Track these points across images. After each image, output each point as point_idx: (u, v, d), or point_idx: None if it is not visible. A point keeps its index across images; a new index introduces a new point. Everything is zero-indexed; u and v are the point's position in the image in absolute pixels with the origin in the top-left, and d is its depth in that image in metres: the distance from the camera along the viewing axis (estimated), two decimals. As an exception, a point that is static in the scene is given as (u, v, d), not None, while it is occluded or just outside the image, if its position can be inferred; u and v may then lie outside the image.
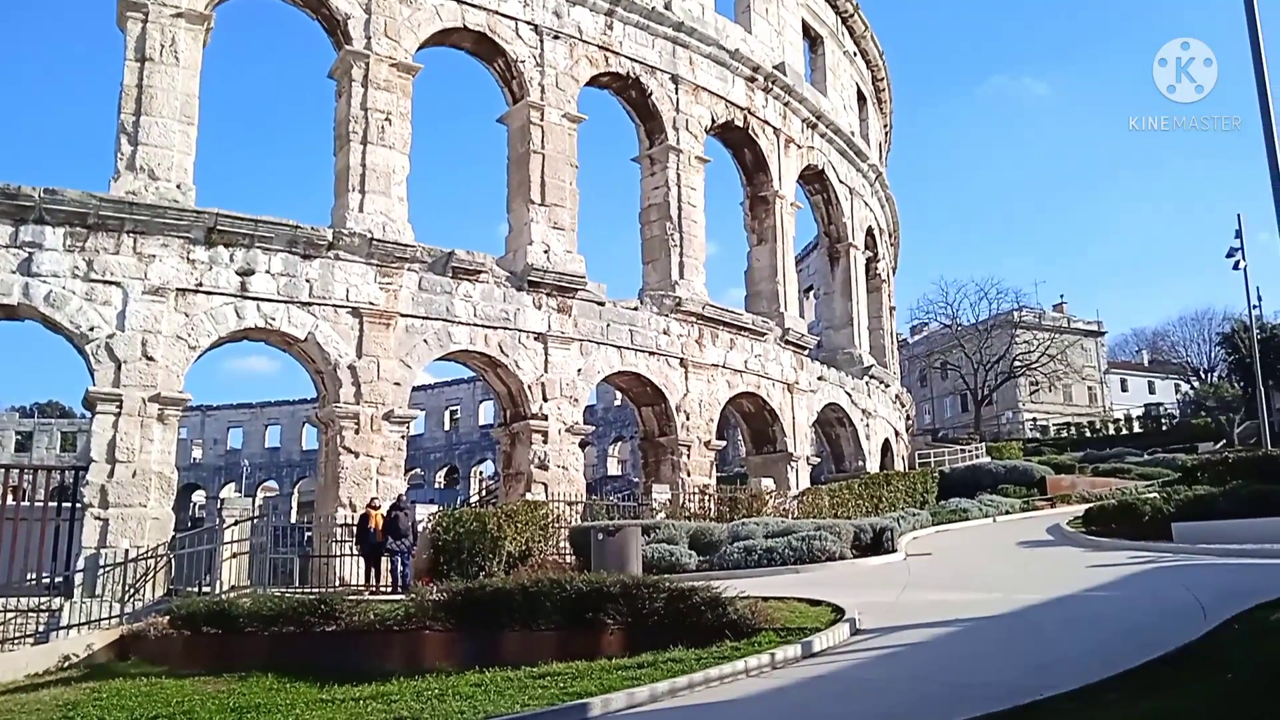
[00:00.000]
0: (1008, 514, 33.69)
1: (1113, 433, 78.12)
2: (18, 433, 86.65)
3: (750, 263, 38.22)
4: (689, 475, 31.16)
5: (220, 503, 32.40)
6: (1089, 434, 77.50)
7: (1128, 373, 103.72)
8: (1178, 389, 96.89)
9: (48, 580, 22.50)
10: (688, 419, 31.85)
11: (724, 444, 37.11)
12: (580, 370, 29.49)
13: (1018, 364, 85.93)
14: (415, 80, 27.84)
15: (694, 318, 32.71)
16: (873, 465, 42.33)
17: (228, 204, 24.27)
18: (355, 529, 22.36)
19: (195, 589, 20.38)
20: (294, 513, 75.10)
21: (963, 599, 14.87)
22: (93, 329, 22.51)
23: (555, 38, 30.81)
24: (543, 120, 29.98)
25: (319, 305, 25.14)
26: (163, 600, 20.07)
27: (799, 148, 39.83)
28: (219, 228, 23.99)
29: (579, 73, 31.41)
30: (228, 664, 14.80)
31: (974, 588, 16.59)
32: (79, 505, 22.08)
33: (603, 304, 30.44)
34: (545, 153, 29.87)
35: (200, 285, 23.79)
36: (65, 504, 23.60)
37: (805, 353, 38.07)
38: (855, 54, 49.39)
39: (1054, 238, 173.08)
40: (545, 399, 28.33)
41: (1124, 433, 77.18)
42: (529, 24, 30.30)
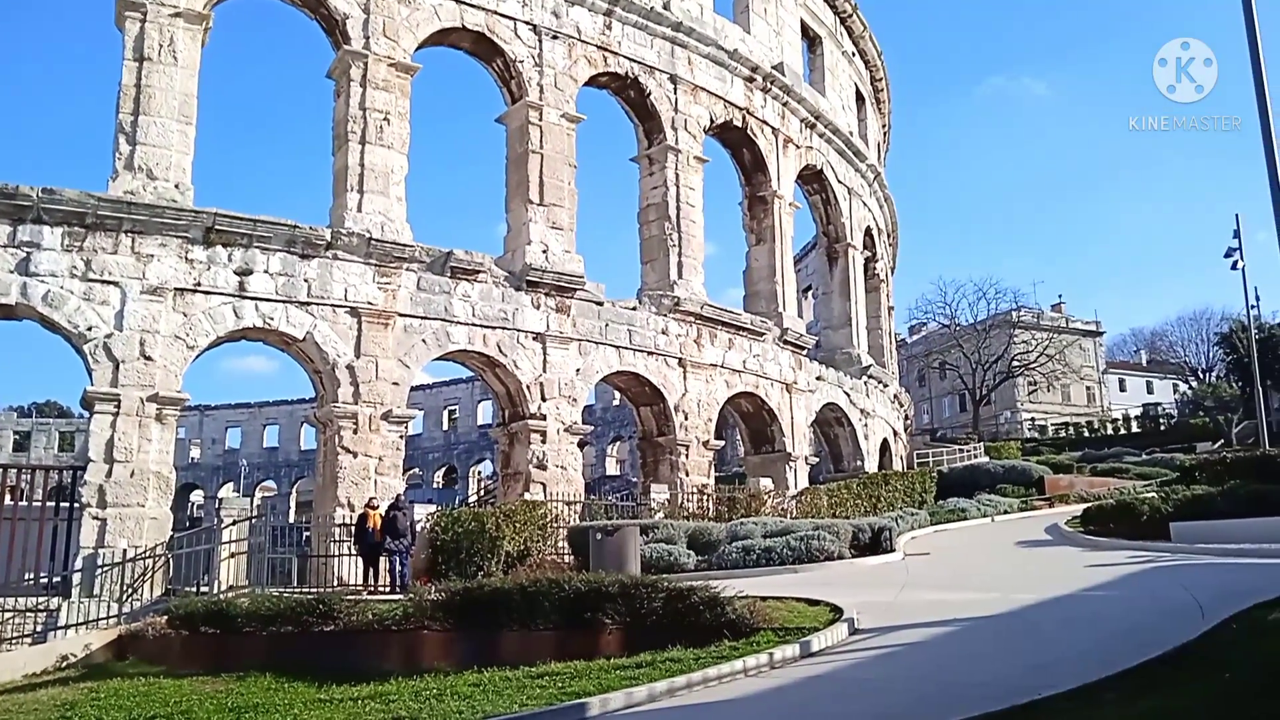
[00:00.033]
0: (1006, 514, 33.70)
1: (1111, 432, 78.24)
2: (16, 432, 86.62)
3: (749, 263, 38.22)
4: (687, 475, 31.16)
5: (218, 502, 32.32)
6: (1087, 434, 77.61)
7: (1126, 373, 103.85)
8: (1176, 389, 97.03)
9: (45, 580, 22.49)
10: (686, 419, 31.85)
11: (722, 444, 37.11)
12: (579, 370, 29.49)
13: (1016, 364, 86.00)
14: (414, 80, 27.83)
15: (692, 317, 32.72)
16: (871, 465, 42.34)
17: (226, 204, 24.31)
18: (353, 529, 22.34)
19: (193, 589, 20.38)
20: (292, 512, 75.11)
21: (961, 599, 14.88)
22: (91, 329, 22.49)
23: (554, 38, 30.81)
24: (541, 120, 29.99)
25: (317, 305, 25.13)
26: (161, 600, 20.06)
27: (797, 148, 39.83)
28: (217, 227, 23.98)
29: (577, 73, 31.41)
30: (226, 664, 14.79)
31: (972, 587, 16.61)
32: (77, 505, 22.07)
33: (601, 304, 30.44)
34: (544, 152, 29.87)
35: (198, 285, 23.78)
36: (63, 504, 23.58)
37: (804, 353, 38.08)
38: (854, 54, 49.39)
39: (1052, 238, 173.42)
40: (544, 399, 28.33)
41: (1122, 432, 77.27)
42: (527, 24, 30.31)
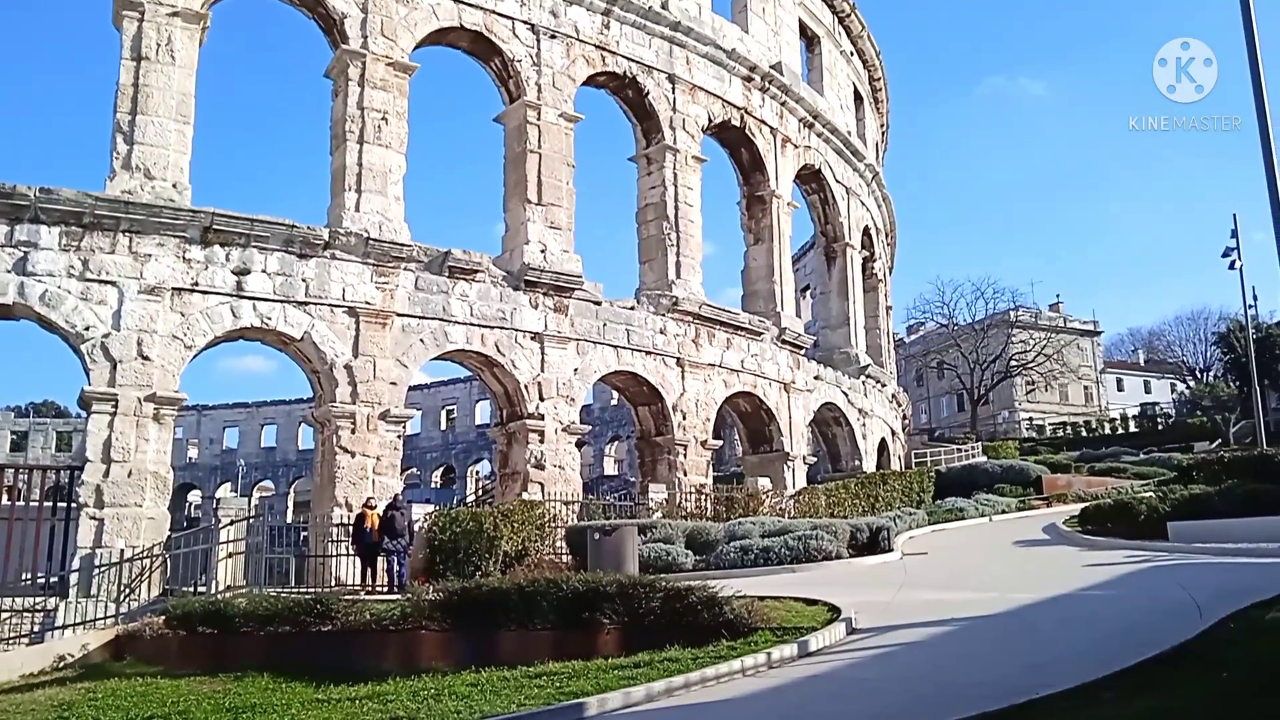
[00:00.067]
0: (1004, 513, 33.71)
1: (1109, 432, 78.28)
2: (13, 432, 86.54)
3: (747, 262, 38.23)
4: (685, 475, 31.16)
5: (216, 502, 32.27)
6: (1085, 433, 77.62)
7: (1124, 372, 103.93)
8: (1173, 388, 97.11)
9: (43, 580, 22.49)
10: (684, 418, 31.85)
11: (720, 443, 37.10)
12: (577, 370, 29.48)
13: (1014, 363, 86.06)
14: (412, 79, 27.81)
15: (691, 317, 32.72)
16: (869, 465, 42.36)
17: (224, 203, 24.30)
18: (351, 529, 22.30)
19: (191, 589, 20.35)
20: (290, 512, 75.09)
21: (959, 598, 14.89)
22: (88, 328, 22.46)
23: (552, 37, 30.80)
24: (539, 120, 29.98)
25: (315, 305, 25.11)
26: (158, 600, 20.03)
27: (796, 147, 39.84)
28: (215, 227, 23.96)
29: (576, 72, 31.40)
30: (223, 664, 14.78)
31: (970, 587, 16.62)
32: (74, 505, 22.05)
33: (599, 303, 30.43)
34: (542, 152, 29.86)
35: (196, 285, 23.76)
36: (60, 504, 23.58)
37: (802, 352, 38.09)
38: (852, 54, 49.41)
39: (1050, 238, 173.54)
40: (542, 398, 28.33)
41: (1120, 432, 77.30)
42: (526, 23, 30.29)
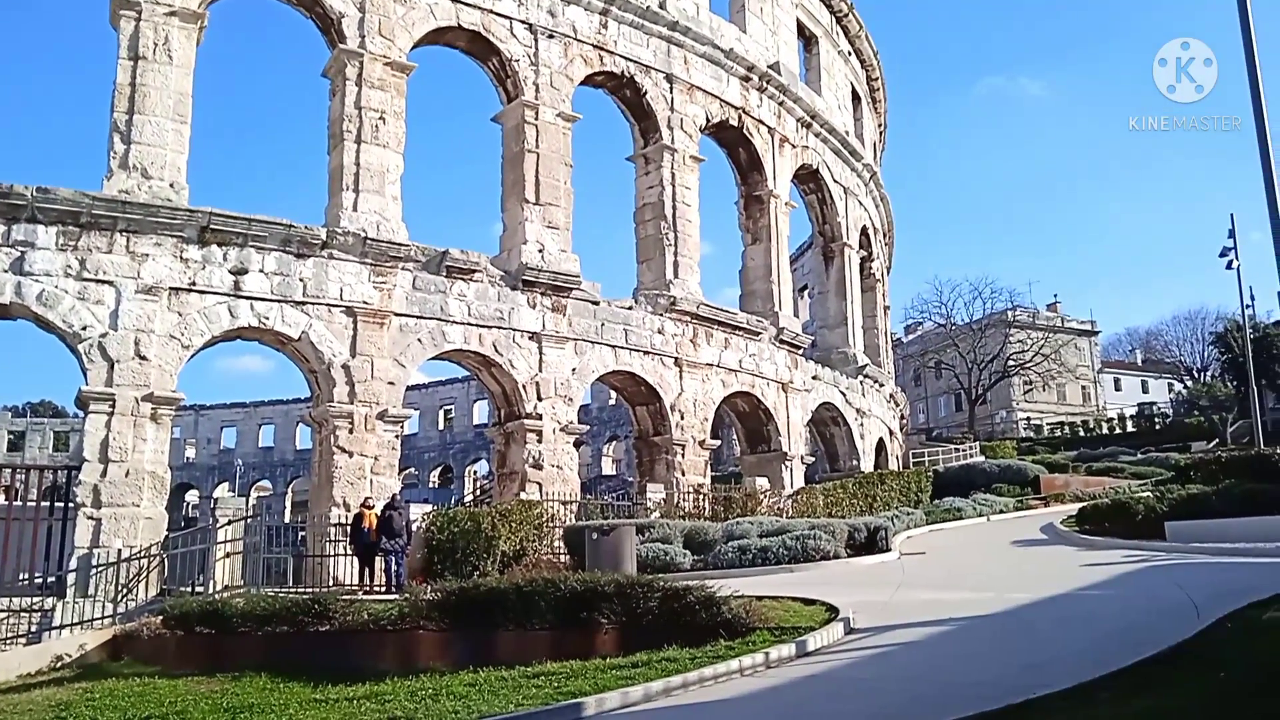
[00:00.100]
0: (1002, 513, 33.74)
1: (1106, 432, 78.34)
2: (10, 432, 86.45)
3: (745, 262, 38.22)
4: (683, 474, 31.15)
5: (214, 502, 32.28)
6: (1083, 433, 77.67)
7: (1121, 372, 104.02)
8: (1171, 388, 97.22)
9: (40, 580, 22.44)
10: (682, 418, 31.85)
11: (718, 443, 37.12)
12: (575, 370, 29.47)
13: (1011, 363, 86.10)
14: (409, 79, 27.79)
15: (688, 317, 32.71)
16: (867, 464, 42.38)
17: (221, 203, 24.26)
18: (349, 528, 22.29)
19: (188, 589, 20.35)
20: (288, 512, 75.09)
21: (956, 598, 14.90)
22: (85, 328, 22.44)
23: (550, 37, 30.79)
24: (537, 119, 29.97)
25: (313, 304, 25.09)
26: (156, 600, 20.02)
27: (794, 147, 39.84)
28: (212, 227, 23.93)
29: (573, 72, 31.39)
30: (221, 664, 14.78)
31: (968, 587, 16.63)
32: (72, 505, 22.03)
33: (597, 303, 30.42)
34: (540, 152, 29.86)
35: (193, 284, 23.73)
36: (58, 504, 23.55)
37: (800, 352, 38.10)
38: (850, 54, 49.42)
39: (1048, 238, 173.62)
40: (540, 398, 28.32)
41: (1118, 432, 77.37)
42: (523, 23, 30.27)
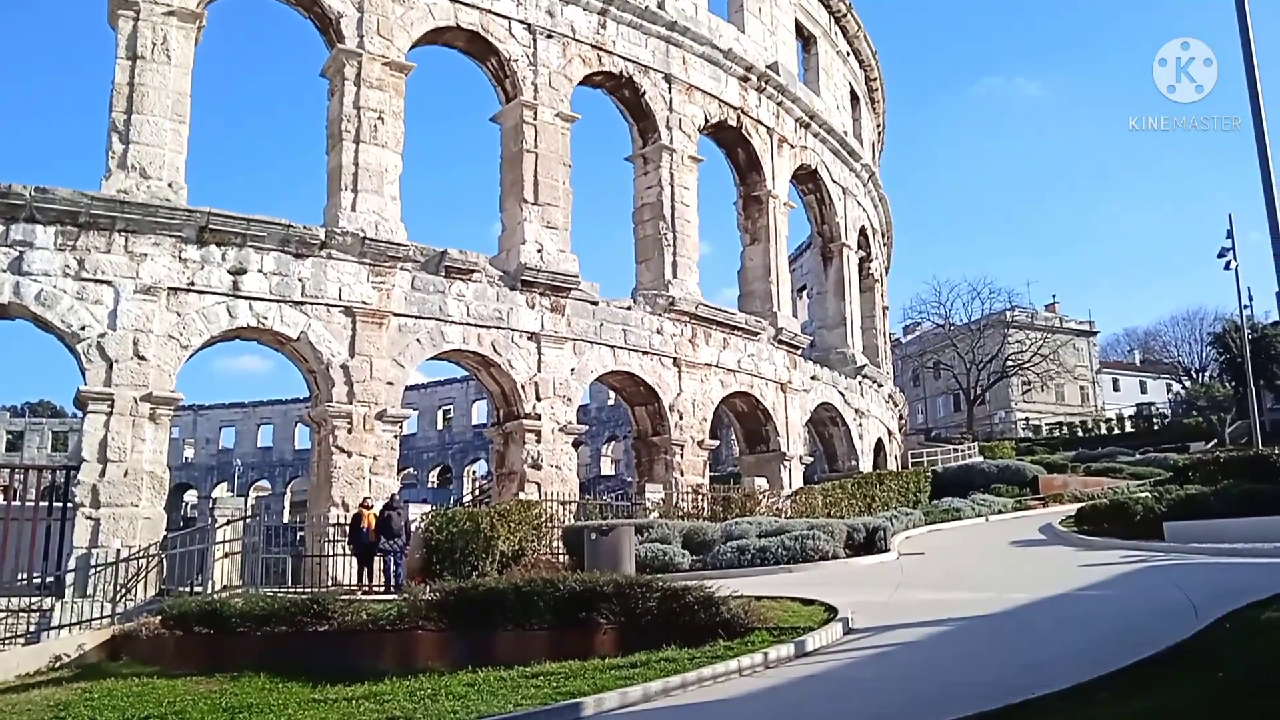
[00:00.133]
0: (1000, 513, 33.75)
1: (1105, 432, 78.38)
2: (9, 432, 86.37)
3: (743, 262, 38.23)
4: (682, 475, 31.16)
5: (212, 502, 32.31)
6: (1081, 433, 77.72)
7: (1120, 372, 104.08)
8: (1169, 389, 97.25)
9: (39, 580, 22.42)
10: (681, 418, 31.85)
11: (717, 443, 37.10)
12: (573, 370, 29.47)
13: (1010, 363, 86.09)
14: (408, 79, 27.79)
15: (687, 317, 32.72)
16: (866, 465, 42.38)
17: (220, 203, 24.26)
18: (348, 528, 22.30)
19: (187, 589, 20.35)
20: (286, 512, 75.08)
21: (955, 598, 14.91)
22: (84, 328, 22.42)
23: (548, 37, 30.79)
24: (536, 119, 29.97)
25: (311, 304, 25.08)
26: (154, 600, 20.01)
27: (792, 147, 39.85)
28: (211, 226, 23.92)
29: (572, 72, 31.39)
30: (220, 664, 14.77)
31: (966, 587, 16.64)
32: (70, 505, 22.01)
33: (596, 303, 30.41)
34: (538, 152, 29.85)
35: (192, 284, 23.72)
36: (56, 504, 23.53)
37: (798, 352, 38.11)
38: (848, 54, 49.44)
39: (1046, 238, 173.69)
40: (538, 398, 28.31)
41: (1116, 432, 77.42)
42: (522, 23, 30.27)
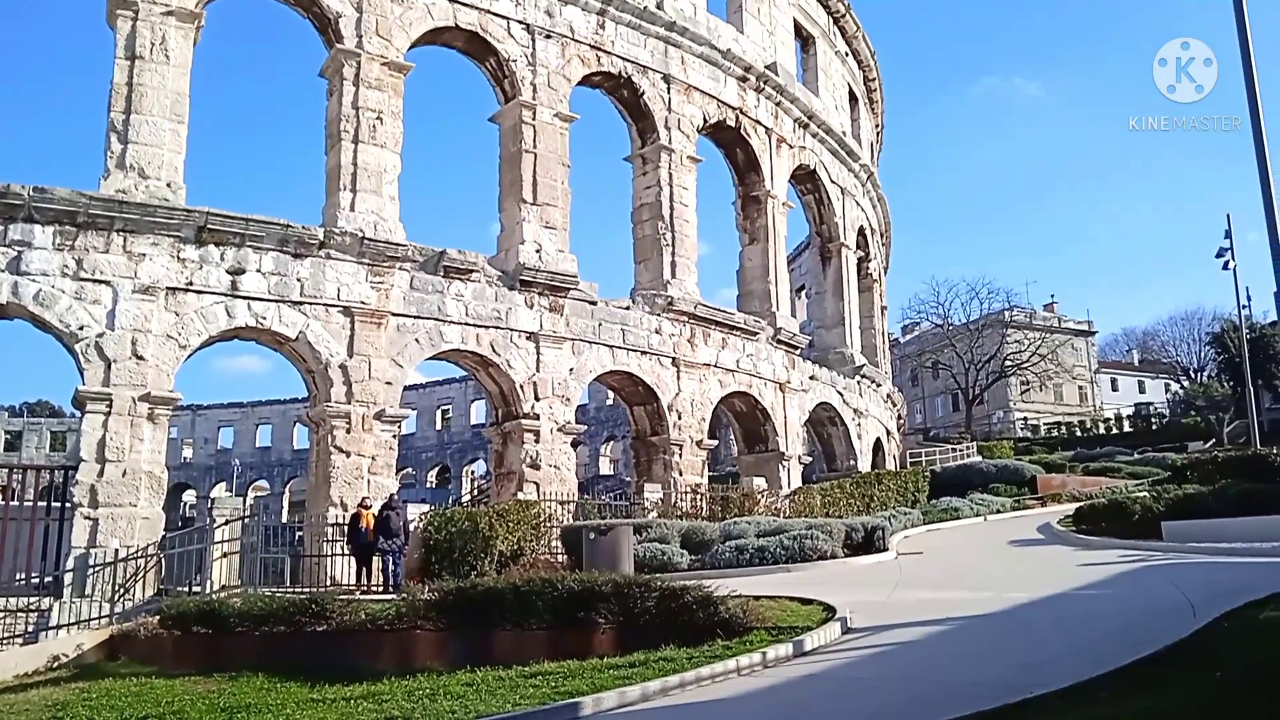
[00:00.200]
0: (999, 513, 33.80)
1: (1103, 432, 78.42)
2: (7, 432, 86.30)
3: (742, 262, 38.24)
4: (681, 474, 31.17)
5: (211, 502, 32.34)
6: (1079, 433, 77.77)
7: (1118, 372, 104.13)
8: (1168, 388, 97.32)
9: (37, 580, 22.42)
10: (680, 418, 31.86)
11: (716, 443, 37.10)
12: (572, 369, 29.47)
13: (1009, 363, 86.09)
14: (407, 79, 27.78)
15: (686, 317, 32.72)
16: (864, 464, 42.40)
17: (218, 203, 24.26)
18: (346, 528, 22.29)
19: (186, 589, 20.35)
20: (285, 512, 75.11)
21: (954, 598, 14.92)
22: (82, 328, 22.41)
23: (547, 37, 30.79)
24: (534, 119, 29.97)
25: (310, 304, 25.07)
26: (153, 600, 19.99)
27: (791, 147, 39.87)
28: (209, 226, 23.92)
29: (571, 72, 31.39)
30: (218, 664, 14.76)
31: (965, 586, 16.66)
32: (68, 505, 22.00)
33: (595, 303, 30.42)
34: (537, 152, 29.86)
35: (190, 284, 23.72)
36: (55, 504, 23.49)
37: (797, 352, 38.12)
38: (847, 54, 49.45)
39: (1045, 238, 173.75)
40: (537, 398, 28.32)
41: (1114, 432, 77.46)
42: (521, 23, 30.27)
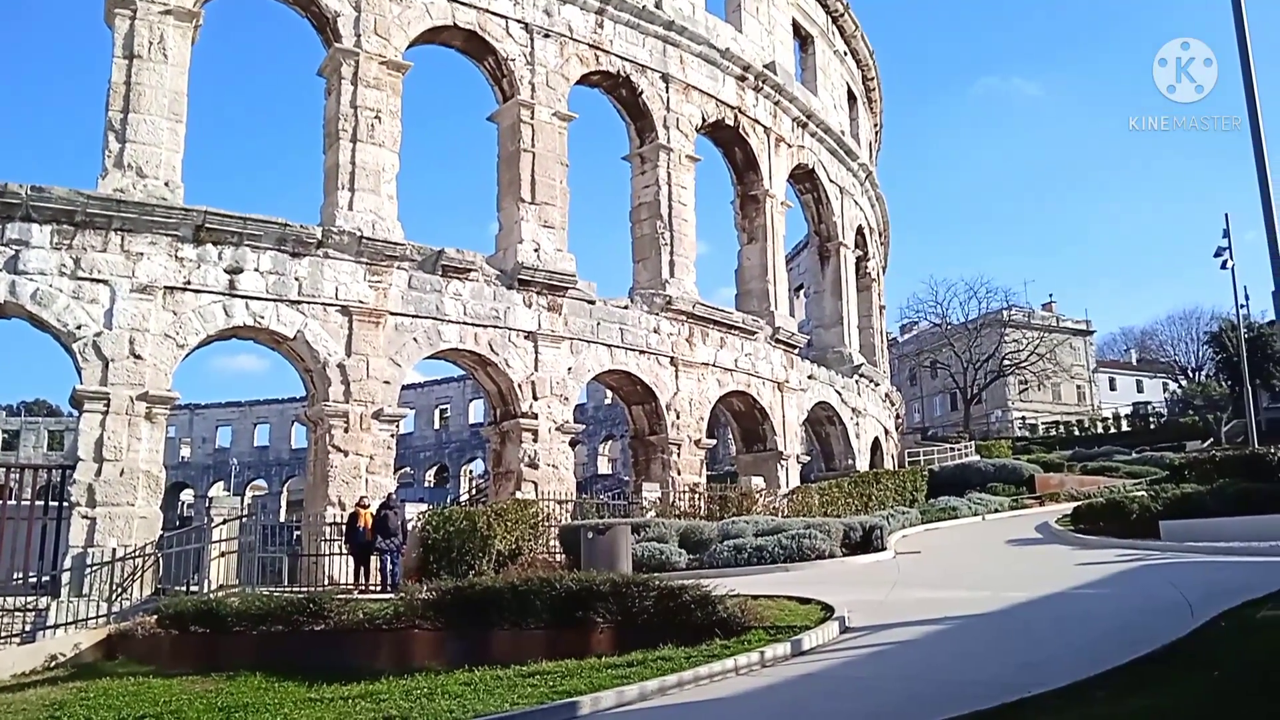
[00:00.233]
0: (997, 512, 33.82)
1: (1101, 431, 78.47)
2: (4, 431, 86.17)
3: (741, 261, 38.25)
4: (679, 474, 31.18)
5: (209, 501, 32.29)
6: (1078, 432, 77.82)
7: (1116, 371, 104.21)
8: (1165, 388, 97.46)
9: (34, 579, 22.39)
10: (678, 418, 31.86)
11: (714, 442, 37.07)
12: (570, 369, 29.47)
13: (1007, 363, 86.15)
14: (405, 78, 27.77)
15: (684, 316, 32.72)
16: (862, 464, 42.41)
17: (216, 202, 24.26)
18: (344, 528, 22.28)
19: (183, 588, 20.31)
20: (283, 511, 75.07)
21: (952, 597, 14.92)
22: (80, 327, 22.39)
23: (546, 36, 30.78)
24: (533, 119, 29.96)
25: (308, 303, 25.05)
26: (150, 599, 19.97)
27: (789, 147, 39.87)
28: (207, 225, 23.90)
29: (569, 71, 31.38)
30: (216, 663, 14.76)
31: (963, 586, 16.66)
32: (66, 504, 21.98)
33: (593, 302, 30.41)
34: (535, 151, 29.84)
35: (188, 283, 23.70)
36: (52, 503, 23.48)
37: (795, 351, 38.13)
38: (846, 53, 49.46)
39: (1043, 237, 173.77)
40: (535, 397, 28.31)
41: (1112, 431, 77.52)
42: (519, 22, 30.26)
